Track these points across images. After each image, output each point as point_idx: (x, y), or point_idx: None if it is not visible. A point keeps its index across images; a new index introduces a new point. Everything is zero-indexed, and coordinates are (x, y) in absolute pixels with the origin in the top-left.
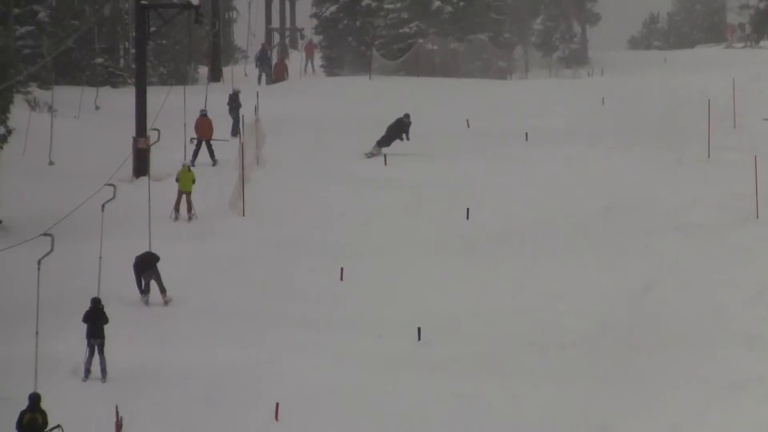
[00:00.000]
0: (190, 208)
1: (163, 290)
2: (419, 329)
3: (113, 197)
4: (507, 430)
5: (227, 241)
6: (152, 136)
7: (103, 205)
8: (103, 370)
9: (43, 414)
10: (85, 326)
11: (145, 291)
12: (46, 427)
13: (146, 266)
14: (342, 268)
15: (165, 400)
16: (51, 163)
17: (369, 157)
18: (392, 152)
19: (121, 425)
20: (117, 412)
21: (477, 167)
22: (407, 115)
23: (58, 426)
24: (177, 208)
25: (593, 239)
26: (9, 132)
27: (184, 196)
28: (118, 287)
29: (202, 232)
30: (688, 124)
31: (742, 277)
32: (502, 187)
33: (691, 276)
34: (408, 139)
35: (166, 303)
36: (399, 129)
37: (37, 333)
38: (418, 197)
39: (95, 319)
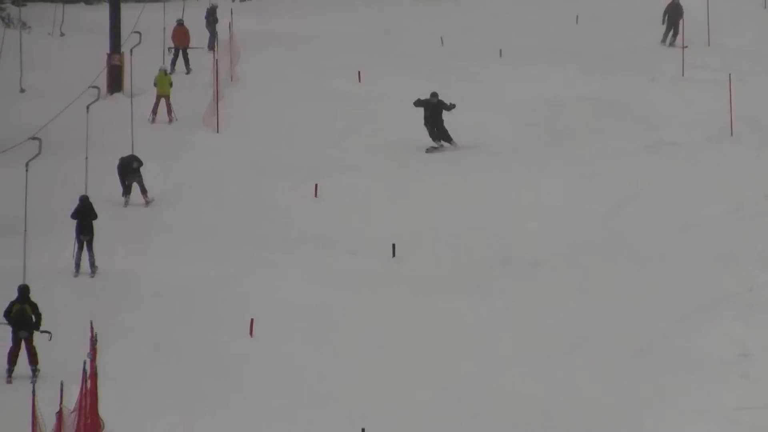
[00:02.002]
0: (170, 111)
1: (144, 191)
2: (393, 246)
3: (97, 99)
4: (480, 347)
5: (201, 157)
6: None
7: (87, 107)
8: (92, 265)
9: (33, 305)
10: (74, 223)
11: (125, 192)
12: (33, 318)
13: (128, 169)
14: (316, 185)
15: (140, 315)
16: (22, 90)
17: (431, 151)
18: (369, 69)
19: (95, 340)
20: (91, 328)
21: (450, 84)
22: (434, 94)
23: (48, 332)
24: (155, 111)
25: (566, 157)
26: None
27: (162, 100)
28: (101, 192)
29: (176, 147)
30: (660, 47)
31: (716, 194)
32: (476, 104)
33: (664, 194)
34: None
35: (147, 203)
36: (436, 111)
37: (25, 231)
38: (391, 114)
39: (84, 215)
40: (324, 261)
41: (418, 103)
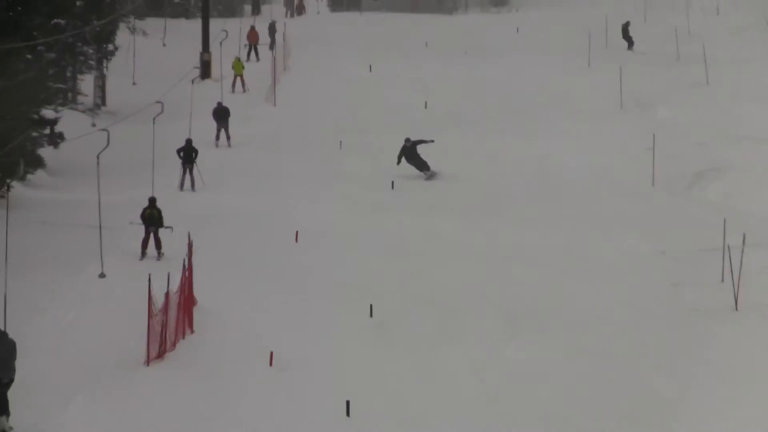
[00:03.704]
0: (243, 84)
1: (228, 137)
2: (393, 182)
3: (197, 66)
4: (454, 254)
5: (264, 122)
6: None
7: (192, 80)
8: (193, 184)
9: (159, 211)
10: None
11: (217, 137)
12: (161, 220)
13: (221, 116)
14: (341, 141)
15: (219, 232)
16: (134, 83)
17: (429, 178)
18: (380, 63)
19: (191, 244)
20: (189, 237)
21: (431, 71)
22: (407, 139)
23: (170, 227)
24: (233, 85)
25: (513, 122)
26: (116, 48)
27: (238, 78)
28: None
29: (247, 116)
30: (575, 43)
31: (611, 148)
32: (451, 85)
33: (578, 147)
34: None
35: (229, 145)
36: (411, 150)
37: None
38: (391, 92)
39: (188, 151)
40: (347, 192)
41: (400, 154)
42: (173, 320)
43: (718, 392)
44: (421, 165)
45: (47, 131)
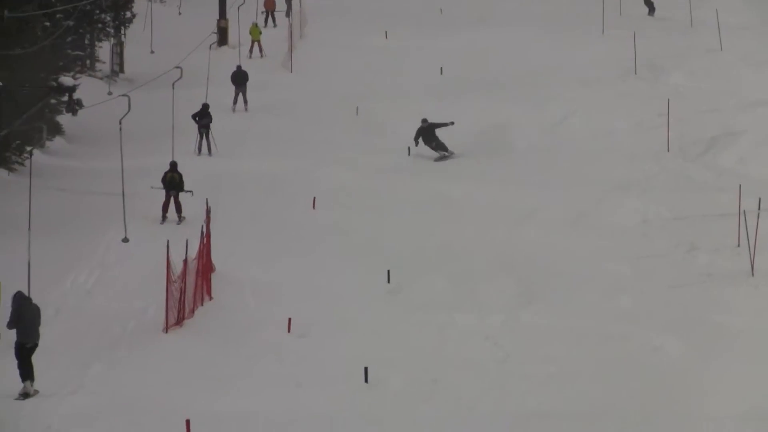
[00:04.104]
0: (260, 50)
1: (245, 101)
2: (409, 148)
3: (215, 31)
4: (463, 215)
5: (280, 89)
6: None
7: (210, 46)
8: (209, 149)
9: (180, 175)
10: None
11: (234, 101)
12: (182, 184)
13: (239, 80)
14: (357, 107)
15: (237, 197)
16: (152, 51)
17: (441, 159)
18: (396, 31)
19: (209, 211)
20: (207, 203)
21: (446, 38)
22: (424, 120)
23: (191, 191)
24: (251, 51)
25: (525, 89)
26: (133, 15)
27: (255, 44)
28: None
29: (264, 82)
30: (588, 12)
31: (624, 113)
32: (465, 52)
33: (591, 113)
34: (449, 124)
35: (246, 109)
36: (429, 132)
37: (173, 132)
38: (406, 60)
39: (204, 115)
40: (364, 158)
41: (417, 135)
42: (191, 287)
43: (731, 355)
44: (440, 145)
45: (65, 98)
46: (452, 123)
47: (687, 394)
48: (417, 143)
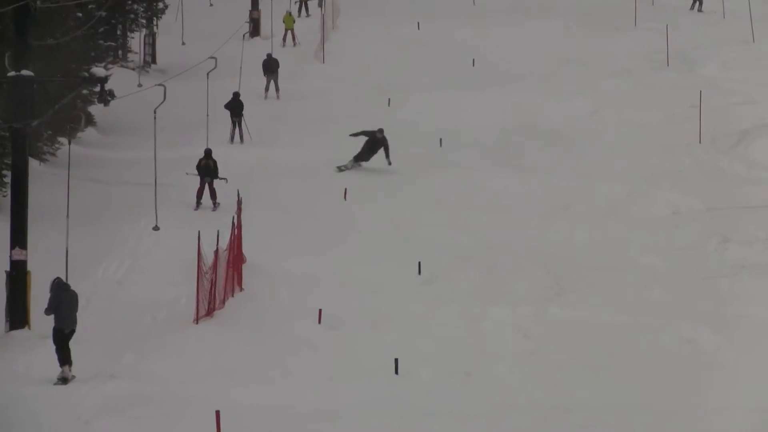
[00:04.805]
0: (294, 38)
1: (277, 89)
2: (441, 139)
3: (248, 21)
4: (497, 206)
5: (313, 79)
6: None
7: (244, 35)
8: (241, 138)
9: (214, 162)
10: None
11: (266, 89)
12: (217, 171)
13: (270, 68)
14: (389, 99)
15: (269, 187)
16: (183, 43)
17: (340, 170)
18: (428, 22)
19: (241, 201)
20: (238, 194)
21: (478, 30)
22: (380, 130)
23: (225, 178)
24: (284, 39)
25: (557, 81)
26: (166, 6)
27: (288, 32)
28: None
29: (296, 72)
30: (620, 3)
31: (657, 105)
32: (497, 43)
33: (623, 105)
34: (389, 162)
35: (278, 97)
36: (374, 145)
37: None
38: (438, 51)
39: (235, 105)
40: (395, 149)
41: (360, 133)
42: (222, 278)
43: (763, 348)
44: (361, 157)
45: (97, 89)
46: (390, 164)
47: (719, 386)
48: (356, 135)
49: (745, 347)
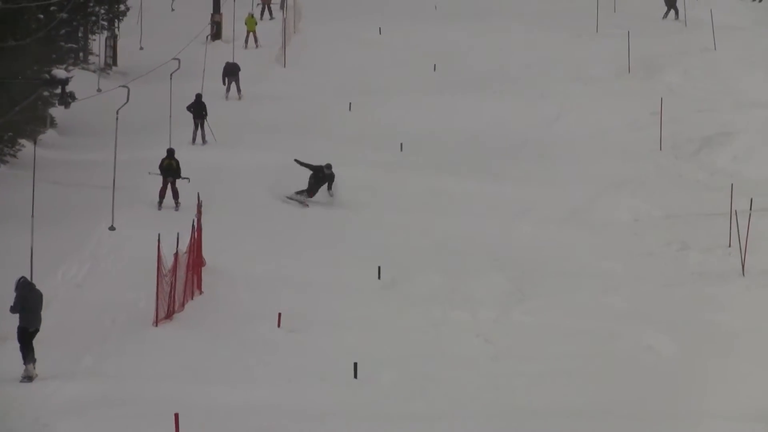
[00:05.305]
0: (256, 41)
1: (239, 90)
2: (401, 144)
3: (210, 23)
4: (460, 210)
5: (274, 82)
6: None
7: (206, 37)
8: (203, 139)
9: (177, 162)
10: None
11: (227, 89)
12: (179, 171)
13: (231, 72)
14: (350, 103)
15: (232, 187)
16: (141, 48)
17: (286, 201)
18: (390, 27)
19: (201, 204)
20: (198, 197)
21: (439, 34)
22: (329, 166)
23: (187, 178)
24: (246, 42)
25: (519, 87)
26: (127, 9)
27: (251, 34)
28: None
29: (258, 75)
30: (582, 9)
31: (619, 112)
32: (459, 48)
33: (586, 111)
34: (331, 194)
35: (240, 98)
36: (320, 180)
37: (170, 122)
38: (399, 57)
39: (198, 107)
40: (357, 153)
41: (306, 165)
42: (182, 280)
43: (723, 355)
44: (309, 191)
45: (58, 91)
46: (332, 197)
47: (679, 392)
48: (301, 164)
49: (705, 354)
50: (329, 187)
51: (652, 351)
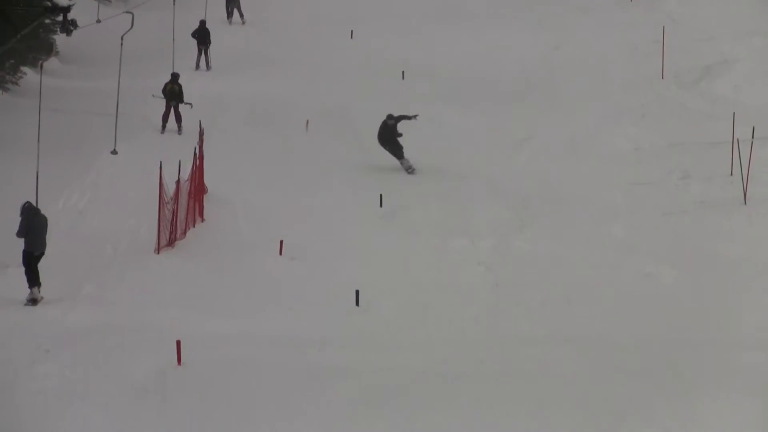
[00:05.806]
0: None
1: (241, 15)
2: (402, 72)
3: None
4: (459, 139)
5: (274, 11)
6: None
7: None
8: (207, 64)
9: (180, 86)
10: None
11: (229, 15)
12: (182, 95)
13: (231, 5)
14: (352, 31)
15: (235, 114)
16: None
17: (410, 172)
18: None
19: (203, 132)
20: (200, 124)
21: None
22: (389, 116)
23: (190, 104)
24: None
25: (522, 12)
26: None
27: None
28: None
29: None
30: None
31: (620, 41)
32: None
33: (586, 40)
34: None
35: (243, 23)
36: (391, 133)
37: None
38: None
39: (202, 34)
40: (359, 79)
41: (381, 132)
42: (184, 208)
43: (723, 283)
44: (397, 150)
45: (60, 18)
46: (416, 116)
47: (679, 320)
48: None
49: (705, 282)
50: (406, 118)
51: (653, 279)
